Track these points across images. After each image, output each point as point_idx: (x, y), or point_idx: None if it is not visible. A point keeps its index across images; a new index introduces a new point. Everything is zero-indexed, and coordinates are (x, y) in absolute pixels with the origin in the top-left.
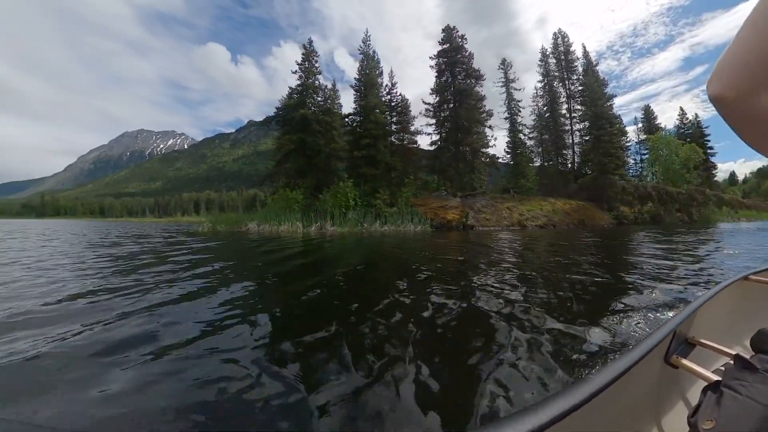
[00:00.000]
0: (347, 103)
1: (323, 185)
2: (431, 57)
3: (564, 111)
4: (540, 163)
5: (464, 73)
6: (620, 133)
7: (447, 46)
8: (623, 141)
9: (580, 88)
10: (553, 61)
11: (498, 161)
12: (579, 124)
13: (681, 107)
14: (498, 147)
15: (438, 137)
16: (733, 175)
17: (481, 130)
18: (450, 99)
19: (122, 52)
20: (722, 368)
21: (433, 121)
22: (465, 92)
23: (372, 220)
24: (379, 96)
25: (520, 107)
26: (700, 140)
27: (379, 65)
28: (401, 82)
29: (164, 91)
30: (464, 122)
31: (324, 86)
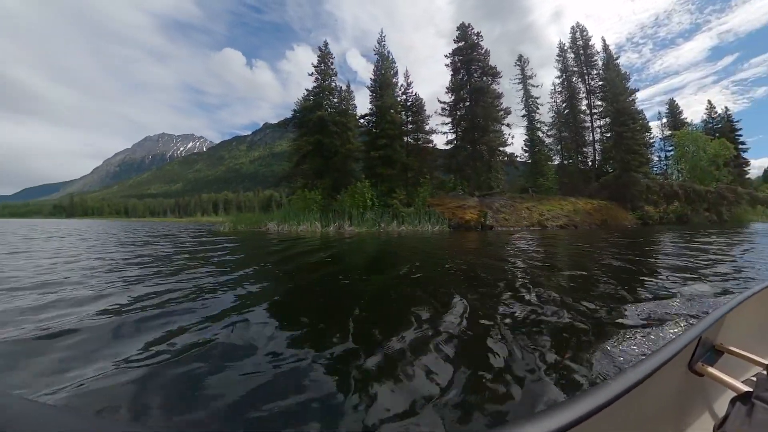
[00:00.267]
0: (360, 104)
1: (340, 186)
2: (446, 55)
3: (584, 107)
4: (559, 162)
5: (480, 71)
6: (643, 129)
7: (462, 44)
8: (647, 137)
9: (601, 83)
10: (572, 56)
11: (516, 160)
12: (600, 121)
13: (709, 100)
14: (515, 145)
15: (454, 136)
16: None
17: (498, 129)
18: (466, 97)
19: (143, 60)
20: (753, 378)
21: (449, 120)
22: (481, 90)
23: (389, 220)
24: (395, 96)
25: (538, 104)
26: (731, 135)
27: (394, 65)
28: (414, 81)
29: (183, 96)
30: (481, 120)
31: (339, 87)
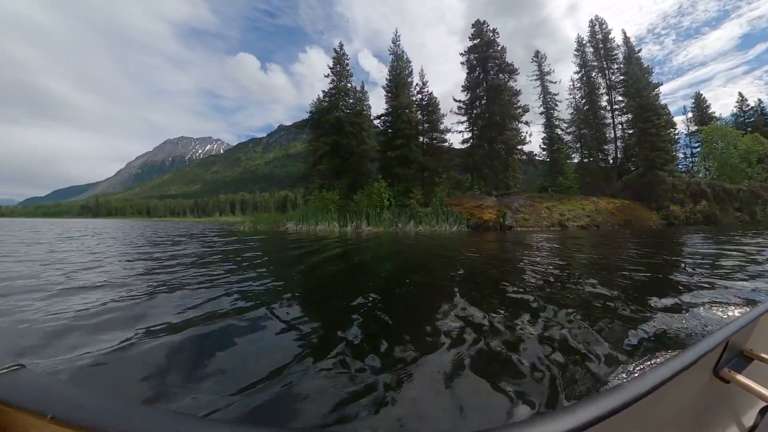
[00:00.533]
0: (373, 104)
1: (357, 186)
2: (461, 53)
3: (604, 103)
4: (579, 160)
5: (497, 68)
6: (668, 125)
7: (478, 41)
8: (671, 133)
9: (622, 78)
10: (591, 50)
11: (534, 158)
12: (621, 117)
13: (740, 92)
14: (533, 143)
15: (470, 135)
16: None
17: (516, 126)
18: (482, 95)
19: (162, 67)
20: None
21: (464, 119)
22: (498, 88)
23: (405, 220)
24: (410, 95)
25: (557, 101)
26: (765, 129)
27: (409, 65)
28: (428, 80)
29: (201, 100)
30: (498, 118)
31: (354, 88)
